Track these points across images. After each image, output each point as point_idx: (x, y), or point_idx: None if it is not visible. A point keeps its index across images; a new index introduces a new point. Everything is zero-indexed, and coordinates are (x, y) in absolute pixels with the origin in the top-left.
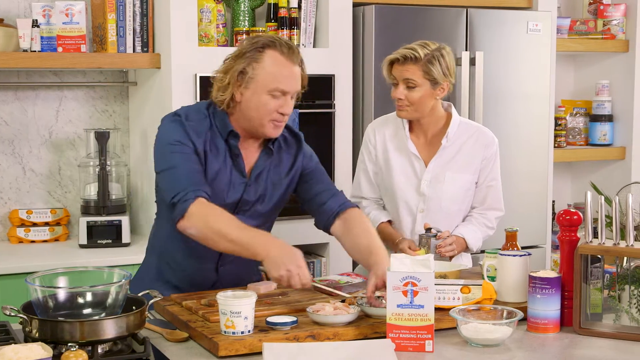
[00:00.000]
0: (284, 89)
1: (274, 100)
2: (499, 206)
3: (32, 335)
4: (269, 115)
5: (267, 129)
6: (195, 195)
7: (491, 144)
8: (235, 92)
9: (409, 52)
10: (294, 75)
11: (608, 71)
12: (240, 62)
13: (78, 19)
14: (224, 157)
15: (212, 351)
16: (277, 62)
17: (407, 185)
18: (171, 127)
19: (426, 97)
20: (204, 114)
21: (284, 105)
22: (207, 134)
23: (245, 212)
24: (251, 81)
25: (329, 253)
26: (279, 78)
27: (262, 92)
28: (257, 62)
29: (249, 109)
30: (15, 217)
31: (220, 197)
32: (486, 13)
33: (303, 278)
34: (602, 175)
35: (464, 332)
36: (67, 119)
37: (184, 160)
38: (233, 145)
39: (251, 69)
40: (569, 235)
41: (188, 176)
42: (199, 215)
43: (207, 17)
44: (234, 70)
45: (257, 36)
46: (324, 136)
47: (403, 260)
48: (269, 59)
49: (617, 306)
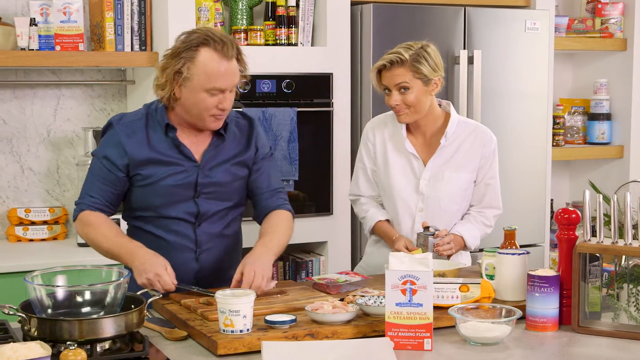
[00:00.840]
0: (220, 87)
1: (212, 97)
2: (497, 204)
3: (30, 334)
4: (207, 111)
5: (207, 122)
6: (80, 209)
7: (489, 142)
8: (175, 90)
9: (394, 57)
10: (230, 71)
11: (606, 70)
12: (176, 62)
13: (76, 17)
14: (167, 147)
15: (211, 350)
16: (212, 60)
17: (405, 184)
18: (106, 138)
19: (421, 96)
20: (140, 114)
21: (223, 101)
22: (141, 131)
23: (209, 194)
24: (187, 80)
25: (327, 252)
26: (214, 77)
27: (199, 91)
28: (191, 62)
29: (187, 106)
30: (14, 216)
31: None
32: (484, 11)
33: (164, 284)
34: (600, 173)
35: (462, 331)
36: (65, 117)
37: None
38: (172, 137)
39: (186, 69)
40: (568, 234)
41: (94, 188)
42: (80, 228)
43: (205, 16)
44: (171, 70)
45: (192, 32)
46: (322, 135)
47: (402, 259)
48: (203, 58)
49: (615, 304)
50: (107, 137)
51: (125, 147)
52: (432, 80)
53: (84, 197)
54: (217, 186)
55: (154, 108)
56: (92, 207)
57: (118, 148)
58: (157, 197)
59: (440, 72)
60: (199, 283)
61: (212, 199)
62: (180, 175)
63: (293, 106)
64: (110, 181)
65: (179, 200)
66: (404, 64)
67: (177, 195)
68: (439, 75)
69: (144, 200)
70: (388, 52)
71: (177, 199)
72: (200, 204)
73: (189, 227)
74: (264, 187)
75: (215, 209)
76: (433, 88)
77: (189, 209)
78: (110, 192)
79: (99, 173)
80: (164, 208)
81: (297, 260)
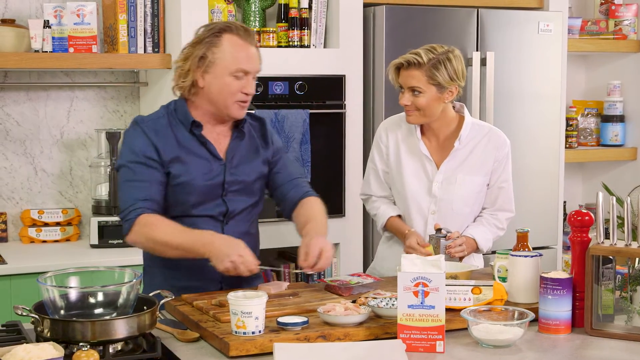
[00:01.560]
0: (246, 68)
1: (237, 81)
2: (510, 207)
3: (43, 335)
4: (233, 96)
5: (232, 110)
6: (137, 214)
7: (503, 145)
8: (197, 78)
9: (412, 58)
10: (253, 55)
11: (619, 71)
12: (200, 48)
13: (89, 19)
14: (195, 145)
15: (223, 351)
16: (235, 44)
17: (418, 186)
18: (131, 138)
19: (433, 101)
20: (160, 113)
21: (247, 86)
22: (166, 129)
23: (235, 192)
24: (212, 65)
25: (339, 253)
26: (239, 59)
27: (224, 74)
28: (216, 47)
29: (212, 93)
30: (27, 217)
31: (203, 179)
32: (497, 13)
33: (248, 265)
34: (613, 175)
35: (475, 333)
36: (79, 119)
37: (138, 175)
38: (197, 134)
39: (211, 53)
40: (581, 236)
41: (137, 192)
42: (141, 232)
43: (217, 18)
44: (194, 56)
45: (213, 23)
46: (335, 136)
47: (414, 261)
48: (227, 42)
49: (628, 307)
50: (135, 138)
51: (157, 145)
52: (447, 89)
53: (135, 203)
54: (242, 183)
55: (172, 108)
56: (149, 209)
57: (150, 146)
58: (187, 195)
59: (459, 82)
60: (225, 281)
61: (238, 196)
62: (209, 174)
63: (305, 108)
64: (155, 178)
65: (209, 199)
66: (421, 67)
67: (206, 194)
68: (456, 84)
69: (173, 199)
70: (410, 52)
71: (206, 197)
72: (228, 202)
73: (217, 226)
74: (287, 177)
75: (242, 207)
76: (447, 96)
77: (217, 207)
78: (158, 190)
79: (141, 174)
80: (194, 207)
81: None
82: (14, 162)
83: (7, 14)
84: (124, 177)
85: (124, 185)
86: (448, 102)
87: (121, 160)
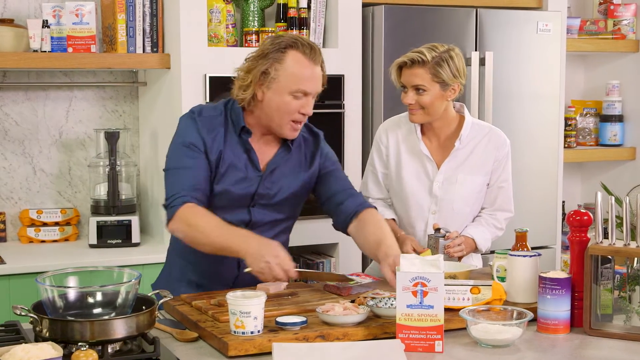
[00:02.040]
0: (306, 90)
1: (296, 100)
2: (509, 207)
3: (42, 335)
4: (290, 115)
5: (285, 129)
6: (183, 201)
7: (503, 145)
8: (257, 91)
9: (416, 56)
10: (316, 76)
11: (618, 71)
12: (263, 63)
13: (88, 19)
14: (239, 151)
15: (222, 351)
16: (299, 63)
17: (419, 187)
18: (184, 126)
19: (437, 99)
20: (219, 110)
21: (306, 106)
22: (220, 129)
23: (263, 205)
24: (273, 82)
25: (338, 253)
26: (301, 79)
27: (284, 93)
28: (279, 63)
29: (270, 109)
30: (26, 217)
31: (236, 188)
32: (496, 13)
33: (284, 265)
34: (612, 175)
35: (473, 333)
36: (77, 119)
37: (185, 163)
38: (244, 141)
39: (274, 69)
40: (579, 236)
41: (184, 180)
42: (184, 220)
43: (216, 18)
44: (257, 70)
45: (280, 36)
46: (334, 136)
47: (413, 261)
48: (291, 60)
49: (627, 307)
50: (189, 127)
51: (206, 141)
52: (450, 86)
53: (181, 191)
54: (273, 198)
55: (230, 106)
56: (194, 199)
57: (200, 140)
58: (216, 199)
59: (461, 79)
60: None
61: (266, 209)
62: (243, 183)
63: None
64: (202, 166)
65: (235, 206)
66: (425, 65)
67: (235, 201)
68: (459, 81)
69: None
70: (412, 50)
71: (234, 204)
72: (253, 213)
73: None
74: (339, 188)
75: (267, 220)
76: (450, 94)
77: (242, 216)
78: (205, 178)
79: (188, 162)
80: (219, 211)
81: (308, 262)
82: (12, 162)
83: (6, 14)
84: (171, 162)
85: (171, 172)
86: (450, 100)
87: (170, 148)
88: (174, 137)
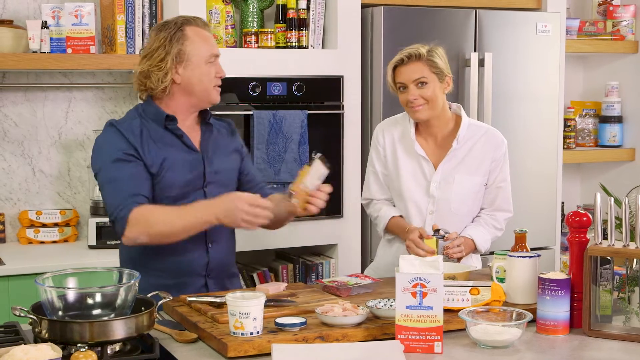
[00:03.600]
0: (215, 52)
1: (212, 66)
2: (508, 207)
3: (41, 336)
4: (212, 81)
5: (212, 95)
6: (129, 209)
7: (500, 145)
8: (174, 76)
9: (412, 50)
10: (214, 39)
11: (617, 72)
12: (173, 46)
13: (87, 20)
14: (171, 140)
15: (221, 352)
16: (199, 33)
17: (416, 187)
18: (108, 139)
19: (437, 91)
20: (132, 115)
21: (219, 69)
22: (142, 128)
23: (215, 183)
24: (189, 58)
25: (337, 254)
26: (209, 46)
27: (201, 64)
28: (185, 40)
29: (192, 84)
30: (25, 218)
31: (184, 176)
32: (495, 14)
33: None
34: (611, 176)
35: (473, 334)
36: (77, 120)
37: (118, 174)
38: (173, 128)
39: (185, 47)
40: (579, 237)
41: (122, 190)
42: (140, 222)
43: (215, 19)
44: (170, 55)
45: (167, 21)
46: (333, 137)
47: (412, 262)
48: (192, 33)
49: (626, 308)
50: (112, 137)
51: (134, 144)
52: (445, 77)
53: (125, 200)
54: (221, 173)
55: (141, 110)
56: (138, 203)
57: (128, 144)
58: (170, 190)
59: (450, 73)
60: (210, 276)
61: (218, 187)
62: (189, 166)
63: (303, 109)
64: (139, 173)
65: (190, 191)
66: (421, 59)
67: (188, 186)
68: (450, 75)
69: (157, 196)
70: (404, 49)
71: (188, 189)
72: (208, 193)
73: None
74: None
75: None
76: (446, 86)
77: (198, 198)
78: (145, 183)
79: (123, 171)
80: (176, 200)
81: (307, 263)
82: (12, 163)
83: (5, 15)
84: (106, 178)
85: (108, 187)
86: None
87: (99, 162)
88: (99, 155)
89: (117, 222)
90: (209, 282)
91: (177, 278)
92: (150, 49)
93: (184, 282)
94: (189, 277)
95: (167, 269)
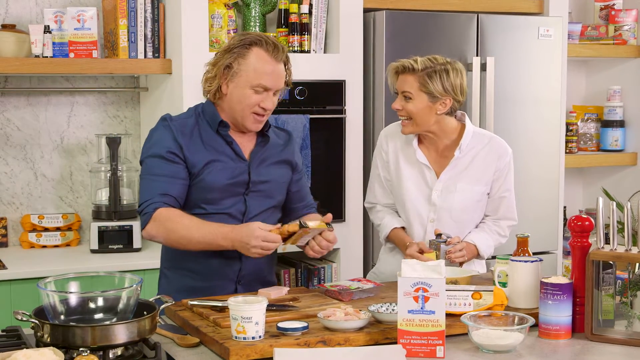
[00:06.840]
0: (266, 85)
1: (256, 95)
2: (512, 215)
3: (43, 340)
4: (250, 108)
5: (248, 121)
6: (155, 207)
7: (504, 154)
8: (222, 84)
9: (407, 63)
10: (277, 72)
11: (619, 77)
12: (228, 57)
13: (90, 24)
14: (220, 144)
15: (223, 356)
16: (261, 59)
17: (417, 194)
18: (158, 135)
19: (424, 110)
20: (190, 113)
21: (265, 101)
22: (194, 128)
23: (257, 192)
24: (236, 75)
25: (339, 259)
26: (262, 75)
27: (245, 87)
28: (242, 58)
29: (232, 102)
30: (27, 222)
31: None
32: (497, 18)
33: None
34: (613, 181)
35: (475, 338)
36: (79, 124)
37: (159, 170)
38: (224, 134)
39: (237, 64)
40: (581, 241)
41: (155, 187)
42: (159, 226)
43: (218, 23)
44: (221, 64)
45: (247, 33)
46: (335, 142)
47: (414, 266)
48: (254, 56)
49: (629, 312)
50: (161, 133)
51: (181, 143)
52: (439, 100)
53: (154, 197)
54: (267, 184)
55: (200, 109)
56: (166, 204)
57: (174, 143)
58: (208, 193)
59: (455, 95)
60: (241, 283)
61: (259, 196)
62: (232, 173)
63: (305, 113)
64: (177, 174)
65: (229, 196)
66: (414, 73)
67: (228, 192)
68: (451, 97)
69: (196, 197)
70: (409, 57)
71: (227, 195)
72: (248, 202)
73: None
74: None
75: (262, 208)
76: (440, 107)
77: (237, 206)
78: (179, 184)
79: (162, 169)
80: (214, 204)
81: (310, 267)
82: (14, 167)
83: (8, 19)
84: (146, 170)
85: (145, 179)
86: (441, 114)
87: (144, 154)
88: (148, 148)
89: (142, 216)
90: (239, 289)
91: (209, 281)
92: (219, 51)
93: (215, 285)
94: (220, 281)
95: (200, 271)
